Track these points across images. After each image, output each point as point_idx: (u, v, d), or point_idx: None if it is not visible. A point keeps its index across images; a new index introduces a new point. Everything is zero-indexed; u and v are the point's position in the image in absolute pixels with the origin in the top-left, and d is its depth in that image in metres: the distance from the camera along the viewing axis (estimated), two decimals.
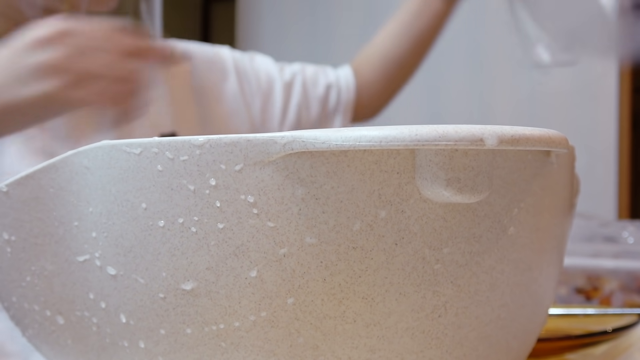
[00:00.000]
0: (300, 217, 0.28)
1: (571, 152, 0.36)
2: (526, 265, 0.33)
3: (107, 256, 0.30)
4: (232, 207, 0.28)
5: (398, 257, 0.29)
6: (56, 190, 0.31)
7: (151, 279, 0.30)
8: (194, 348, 0.30)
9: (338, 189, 0.28)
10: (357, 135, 0.26)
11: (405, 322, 0.30)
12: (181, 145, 0.28)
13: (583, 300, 0.80)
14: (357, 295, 0.29)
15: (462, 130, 0.26)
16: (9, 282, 0.34)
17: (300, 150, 0.27)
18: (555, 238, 0.35)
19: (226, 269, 0.29)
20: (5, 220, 0.33)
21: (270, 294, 0.29)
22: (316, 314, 0.29)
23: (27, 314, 0.34)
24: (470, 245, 0.30)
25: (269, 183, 0.28)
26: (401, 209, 0.28)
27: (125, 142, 0.29)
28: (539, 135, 0.28)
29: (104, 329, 0.31)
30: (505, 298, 0.32)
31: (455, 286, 0.30)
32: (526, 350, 0.36)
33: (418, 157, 0.28)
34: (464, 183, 0.28)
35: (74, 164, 0.31)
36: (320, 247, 0.28)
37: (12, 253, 0.33)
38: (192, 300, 0.29)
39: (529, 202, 0.32)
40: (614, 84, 2.06)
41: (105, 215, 0.30)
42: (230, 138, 0.28)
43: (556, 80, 2.14)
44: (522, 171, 0.31)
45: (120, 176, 0.30)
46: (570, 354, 0.50)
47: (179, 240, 0.29)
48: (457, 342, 0.31)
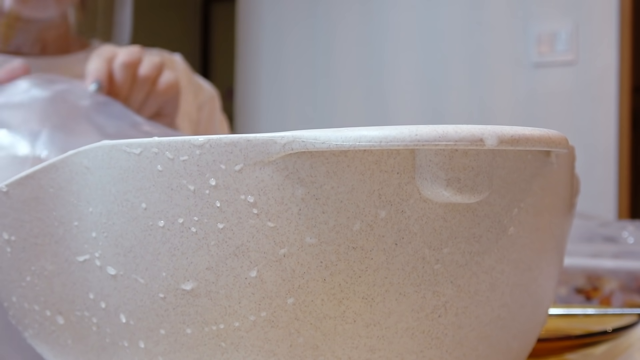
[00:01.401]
0: (300, 217, 0.28)
1: (571, 152, 0.36)
2: (526, 265, 0.33)
3: (107, 256, 0.30)
4: (232, 207, 0.28)
5: (398, 257, 0.29)
6: (56, 190, 0.31)
7: (151, 279, 0.30)
8: (194, 348, 0.30)
9: (338, 189, 0.28)
10: (357, 135, 0.26)
11: (405, 322, 0.30)
12: (181, 145, 0.28)
13: (583, 300, 0.80)
14: (357, 295, 0.29)
15: (462, 130, 0.26)
16: (9, 282, 0.34)
17: (300, 150, 0.27)
18: (555, 238, 0.35)
19: (226, 269, 0.29)
20: (5, 220, 0.33)
21: (270, 294, 0.29)
22: (316, 314, 0.29)
23: (27, 314, 0.34)
24: (470, 245, 0.30)
25: (269, 183, 0.28)
26: (401, 209, 0.28)
27: (125, 142, 0.30)
28: (539, 135, 0.28)
29: (104, 329, 0.31)
30: (505, 298, 0.32)
31: (455, 286, 0.30)
32: (526, 350, 0.36)
33: (418, 157, 0.28)
34: (464, 183, 0.28)
35: (74, 164, 0.31)
36: (320, 247, 0.28)
37: (12, 253, 0.33)
38: (192, 300, 0.29)
39: (529, 202, 0.32)
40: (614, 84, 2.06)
41: (105, 215, 0.30)
42: (230, 138, 0.28)
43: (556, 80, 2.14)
44: (522, 171, 0.31)
45: (120, 176, 0.30)
46: (570, 354, 0.50)
47: (179, 240, 0.29)
48: (457, 342, 0.31)
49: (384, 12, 2.34)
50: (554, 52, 2.15)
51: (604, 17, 2.10)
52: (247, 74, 2.65)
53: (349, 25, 2.42)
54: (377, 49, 2.37)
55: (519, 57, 2.19)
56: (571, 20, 2.13)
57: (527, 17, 2.19)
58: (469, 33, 2.22)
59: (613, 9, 2.08)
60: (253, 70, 2.62)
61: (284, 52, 2.57)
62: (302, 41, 2.53)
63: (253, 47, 2.60)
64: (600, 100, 2.08)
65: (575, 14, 2.13)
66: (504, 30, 2.20)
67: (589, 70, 2.10)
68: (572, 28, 2.13)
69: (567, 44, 2.13)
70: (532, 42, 2.18)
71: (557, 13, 2.16)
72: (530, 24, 2.18)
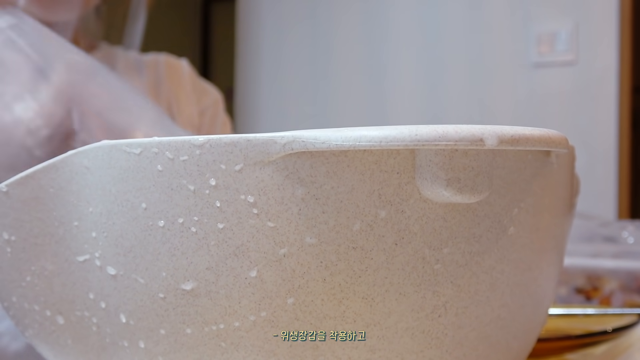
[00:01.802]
0: (300, 217, 0.28)
1: (571, 152, 0.36)
2: (526, 265, 0.33)
3: (107, 256, 0.30)
4: (232, 207, 0.28)
5: (398, 257, 0.29)
6: (56, 190, 0.31)
7: (151, 279, 0.30)
8: (194, 348, 0.30)
9: (338, 189, 0.28)
10: (357, 135, 0.26)
11: (405, 322, 0.30)
12: (181, 145, 0.28)
13: (583, 300, 0.80)
14: (357, 295, 0.29)
15: (462, 130, 0.26)
16: (9, 282, 0.34)
17: (300, 150, 0.27)
18: (555, 238, 0.35)
19: (226, 269, 0.29)
20: (5, 220, 0.33)
21: (270, 294, 0.29)
22: (316, 314, 0.29)
23: (27, 314, 0.34)
24: (470, 245, 0.30)
25: (269, 183, 0.28)
26: (401, 209, 0.28)
27: (125, 142, 0.30)
28: (539, 135, 0.28)
29: (104, 329, 0.31)
30: (505, 298, 0.32)
31: (455, 286, 0.30)
32: (526, 350, 0.36)
33: (418, 157, 0.28)
34: (464, 183, 0.28)
35: (74, 164, 0.31)
36: (320, 247, 0.28)
37: (12, 253, 0.33)
38: (192, 300, 0.29)
39: (529, 202, 0.32)
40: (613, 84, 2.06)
41: (105, 215, 0.30)
42: (230, 138, 0.28)
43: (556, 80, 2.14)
44: (522, 171, 0.31)
45: (120, 176, 0.30)
46: (570, 354, 0.50)
47: (179, 240, 0.29)
48: (457, 342, 0.31)
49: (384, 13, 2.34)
50: (554, 52, 2.15)
51: (604, 17, 2.10)
52: (247, 74, 2.65)
53: (349, 26, 2.42)
54: (377, 49, 2.37)
55: (519, 57, 2.19)
56: (571, 20, 2.13)
57: (527, 17, 2.19)
58: (469, 33, 2.22)
59: (613, 9, 2.08)
60: (253, 70, 2.62)
61: (284, 52, 2.57)
62: (302, 41, 2.52)
63: (253, 47, 2.60)
64: (600, 101, 2.08)
65: (575, 14, 2.13)
66: (504, 31, 2.20)
67: (589, 70, 2.10)
68: (572, 28, 2.13)
69: (567, 44, 2.13)
70: (532, 42, 2.18)
71: (557, 13, 2.16)
72: (530, 24, 2.18)
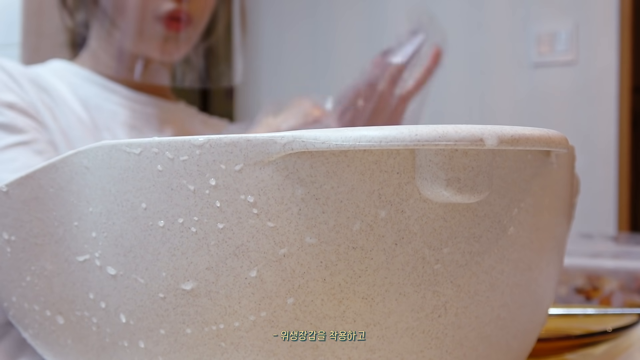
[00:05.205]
0: (300, 217, 0.28)
1: (571, 152, 0.36)
2: (526, 265, 0.33)
3: (107, 256, 0.30)
4: (232, 207, 0.28)
5: (398, 257, 0.29)
6: (56, 190, 0.31)
7: (151, 279, 0.30)
8: (194, 348, 0.30)
9: (338, 189, 0.28)
10: (357, 135, 0.26)
11: (405, 322, 0.30)
12: (181, 145, 0.28)
13: (583, 300, 0.80)
14: (357, 295, 0.29)
15: (462, 130, 0.26)
16: (9, 282, 0.34)
17: (300, 150, 0.27)
18: (555, 238, 0.35)
19: (226, 269, 0.29)
20: (5, 220, 0.33)
21: (270, 294, 0.29)
22: (316, 314, 0.29)
23: (27, 314, 0.34)
24: (470, 245, 0.30)
25: (269, 183, 0.28)
26: (401, 209, 0.28)
27: (125, 142, 0.30)
28: (539, 135, 0.28)
29: (104, 329, 0.31)
30: (505, 298, 0.32)
31: (455, 286, 0.30)
32: (526, 350, 0.36)
33: (418, 157, 0.28)
34: (464, 183, 0.28)
35: (74, 164, 0.31)
36: (320, 247, 0.28)
37: (12, 253, 0.33)
38: (192, 300, 0.29)
39: (529, 202, 0.32)
40: (613, 84, 2.06)
41: (105, 215, 0.30)
42: (230, 138, 0.28)
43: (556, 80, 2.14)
44: (522, 171, 0.31)
45: (120, 176, 0.30)
46: (570, 354, 0.50)
47: (179, 240, 0.29)
48: (457, 342, 0.31)
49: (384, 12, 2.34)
50: (554, 52, 2.15)
51: (604, 17, 2.10)
52: (247, 74, 2.65)
53: (349, 25, 2.42)
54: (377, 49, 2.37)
55: (519, 57, 2.19)
56: (571, 20, 2.13)
57: (527, 17, 2.19)
58: (469, 33, 2.22)
59: (613, 9, 2.08)
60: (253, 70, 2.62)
61: (284, 51, 2.57)
62: (302, 40, 2.53)
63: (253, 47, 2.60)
64: (600, 100, 2.08)
65: (575, 14, 2.13)
66: (504, 31, 2.20)
67: (589, 70, 2.10)
68: (572, 28, 2.13)
69: (567, 44, 2.13)
70: (532, 42, 2.18)
71: (557, 13, 2.16)
72: (530, 24, 2.18)
